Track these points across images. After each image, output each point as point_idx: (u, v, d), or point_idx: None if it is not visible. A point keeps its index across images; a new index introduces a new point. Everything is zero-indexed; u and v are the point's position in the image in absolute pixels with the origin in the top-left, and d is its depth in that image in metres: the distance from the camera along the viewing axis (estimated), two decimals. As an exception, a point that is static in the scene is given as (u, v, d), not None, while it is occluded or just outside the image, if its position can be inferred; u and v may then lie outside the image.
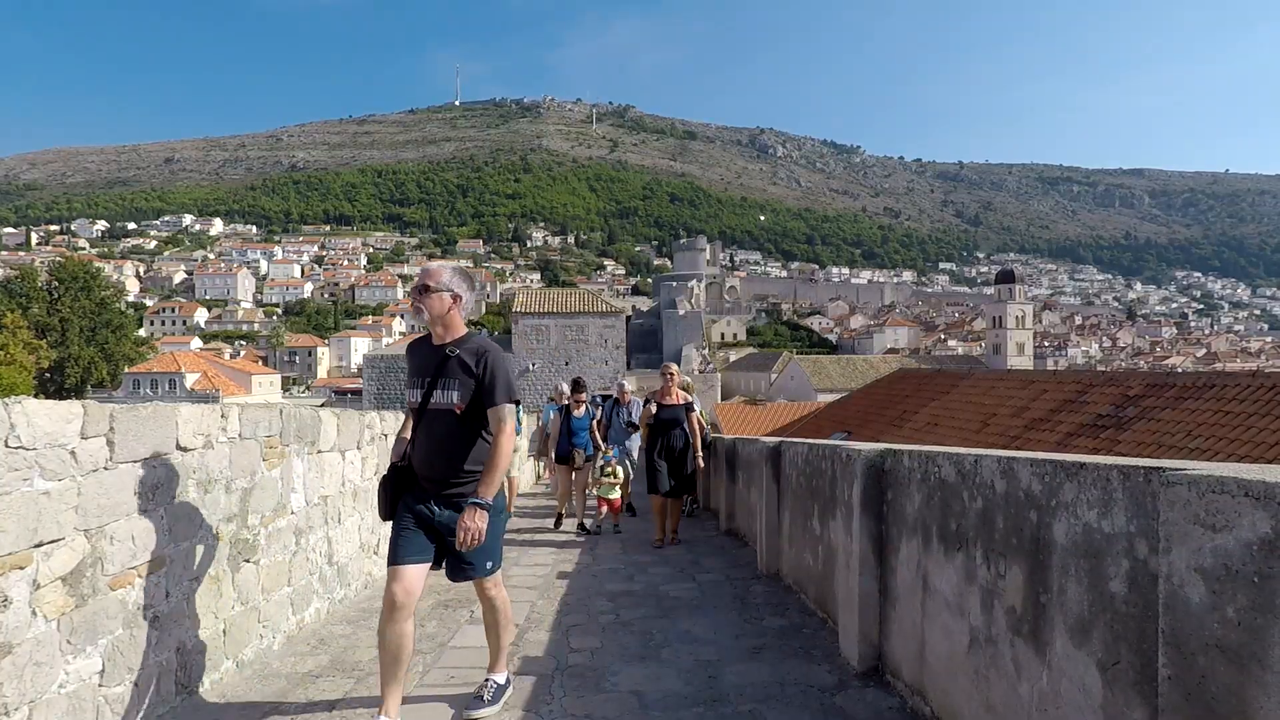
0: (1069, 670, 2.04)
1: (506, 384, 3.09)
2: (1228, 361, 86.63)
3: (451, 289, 3.14)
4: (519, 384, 25.06)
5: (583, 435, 8.58)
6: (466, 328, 3.23)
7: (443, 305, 3.12)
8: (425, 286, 3.10)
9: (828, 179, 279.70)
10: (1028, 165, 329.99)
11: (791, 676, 3.68)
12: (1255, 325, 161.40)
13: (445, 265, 3.26)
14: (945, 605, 2.85)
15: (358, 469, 5.46)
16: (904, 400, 21.16)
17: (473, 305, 3.24)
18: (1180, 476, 1.54)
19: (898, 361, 62.63)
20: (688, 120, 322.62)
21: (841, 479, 4.15)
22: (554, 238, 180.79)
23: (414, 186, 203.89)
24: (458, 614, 4.92)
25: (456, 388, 3.05)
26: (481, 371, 3.05)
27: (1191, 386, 12.37)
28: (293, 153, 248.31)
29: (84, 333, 60.09)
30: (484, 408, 3.06)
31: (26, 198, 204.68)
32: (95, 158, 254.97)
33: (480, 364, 3.06)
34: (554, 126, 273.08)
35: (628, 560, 6.83)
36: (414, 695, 3.45)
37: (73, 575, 2.57)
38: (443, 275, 3.16)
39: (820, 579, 4.73)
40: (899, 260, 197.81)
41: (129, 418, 2.88)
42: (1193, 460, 2.18)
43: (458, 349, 3.09)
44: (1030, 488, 2.27)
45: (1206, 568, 1.46)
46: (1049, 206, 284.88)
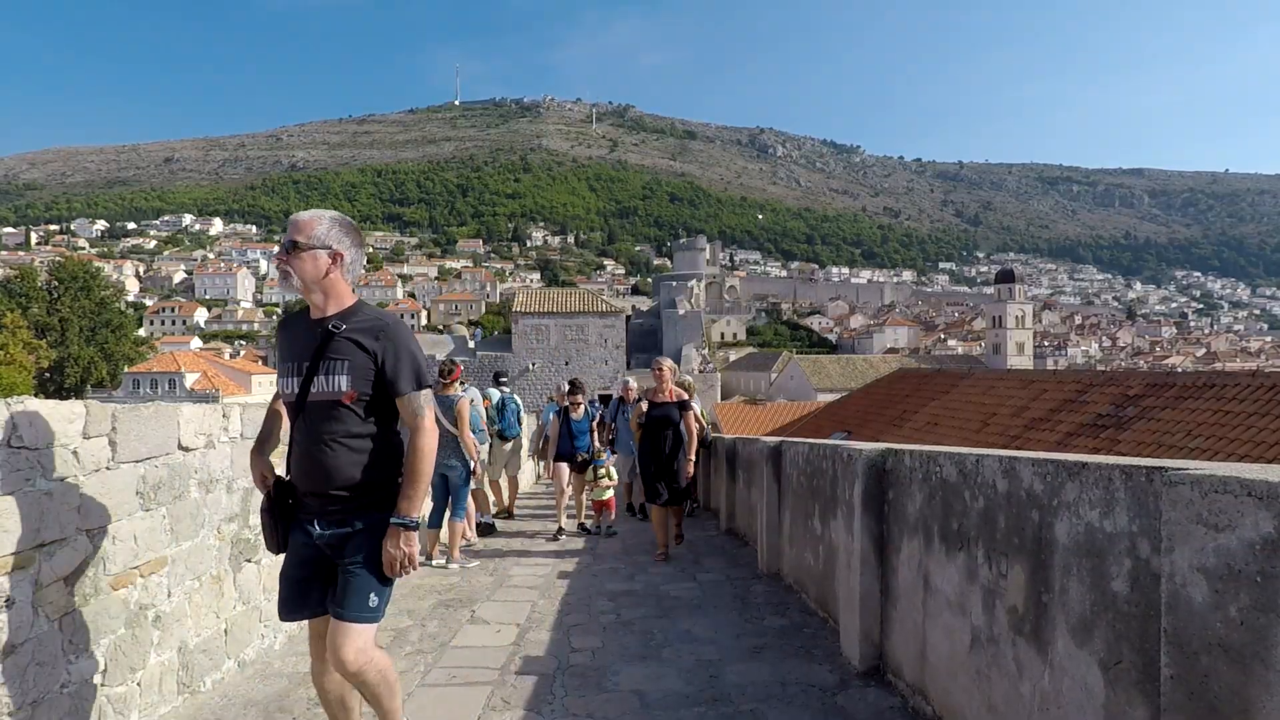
0: (1071, 670, 2.04)
1: (414, 365, 2.45)
2: (1227, 361, 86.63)
3: (329, 245, 2.43)
4: (519, 383, 24.14)
5: (583, 438, 8.48)
6: (356, 296, 2.54)
7: (318, 267, 2.42)
8: (294, 243, 2.41)
9: (827, 179, 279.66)
10: (1027, 165, 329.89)
11: (792, 676, 3.68)
12: (1255, 325, 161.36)
13: (322, 214, 2.49)
14: (947, 605, 2.86)
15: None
16: (904, 400, 21.17)
17: (360, 266, 2.56)
18: (1183, 476, 1.54)
19: (898, 361, 62.65)
20: (688, 120, 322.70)
21: (842, 478, 4.15)
22: (554, 237, 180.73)
23: (414, 186, 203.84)
24: (459, 613, 4.92)
25: (345, 371, 2.37)
26: (380, 351, 2.40)
27: (1191, 386, 12.37)
28: (293, 152, 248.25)
29: (84, 333, 60.07)
30: (384, 398, 2.43)
31: (26, 197, 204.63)
32: (95, 157, 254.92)
33: (379, 339, 2.40)
34: (554, 126, 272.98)
35: (628, 560, 6.83)
36: (415, 695, 3.45)
37: (75, 575, 2.57)
38: (316, 227, 2.43)
39: (821, 578, 4.73)
40: (899, 260, 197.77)
41: (131, 418, 2.88)
42: (1193, 460, 2.18)
43: (344, 323, 2.42)
44: (1032, 487, 2.27)
45: (1209, 567, 1.46)
46: (1049, 206, 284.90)
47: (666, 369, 6.97)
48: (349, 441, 2.40)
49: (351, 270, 2.50)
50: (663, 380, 6.91)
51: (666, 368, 6.99)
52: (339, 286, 2.47)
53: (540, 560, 6.85)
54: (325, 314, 2.45)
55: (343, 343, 2.40)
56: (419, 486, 2.43)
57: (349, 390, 2.37)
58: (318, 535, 2.44)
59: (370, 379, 2.40)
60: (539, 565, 6.60)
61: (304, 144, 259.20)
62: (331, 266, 2.44)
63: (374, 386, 2.41)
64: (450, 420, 6.55)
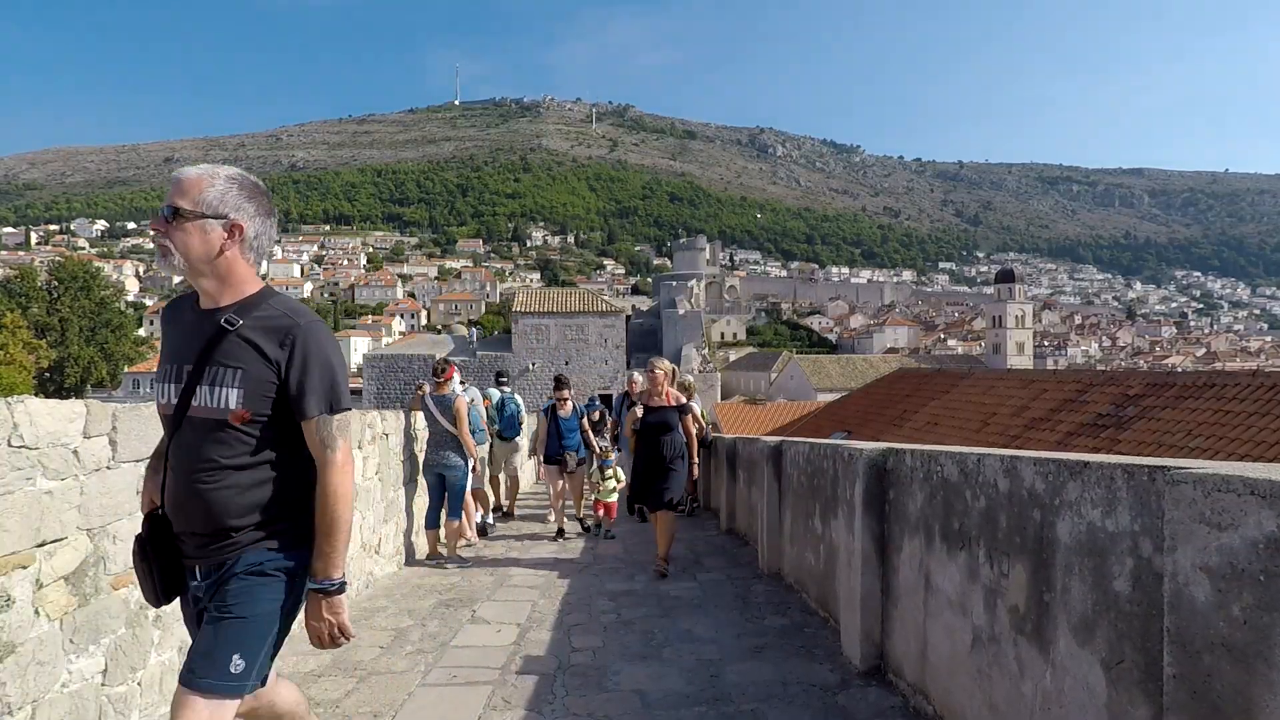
0: (1073, 669, 2.04)
1: (329, 381, 1.88)
2: (1227, 361, 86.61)
3: (225, 213, 1.84)
4: (518, 383, 23.71)
5: (572, 437, 8.13)
6: (262, 282, 1.96)
7: (209, 242, 1.83)
8: (175, 210, 1.82)
9: (827, 178, 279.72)
10: (1027, 165, 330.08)
11: (793, 676, 3.68)
12: (1255, 325, 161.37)
13: (216, 170, 1.88)
14: (948, 604, 2.85)
15: (359, 469, 5.46)
16: (904, 400, 21.18)
17: (270, 240, 1.96)
18: (1186, 475, 1.54)
19: (898, 361, 62.66)
20: (687, 120, 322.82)
21: (843, 478, 4.15)
22: (554, 237, 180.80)
23: (414, 186, 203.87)
24: (459, 613, 4.92)
25: (236, 382, 1.82)
26: (285, 359, 1.85)
27: (1191, 386, 12.38)
28: (292, 152, 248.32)
29: (83, 332, 60.06)
30: (290, 419, 1.89)
31: (26, 197, 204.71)
32: (95, 157, 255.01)
33: (284, 344, 1.85)
34: (554, 126, 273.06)
35: (629, 560, 6.83)
36: (416, 695, 3.45)
37: (75, 575, 2.57)
38: (207, 188, 1.83)
39: (822, 578, 4.73)
40: (899, 260, 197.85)
41: (131, 417, 2.88)
42: (1194, 459, 2.18)
43: (242, 318, 1.86)
44: (1034, 487, 2.27)
45: (1212, 566, 1.46)
46: (1049, 206, 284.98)
47: (660, 371, 6.43)
48: (236, 475, 1.84)
49: (256, 248, 1.92)
50: (656, 383, 6.40)
51: (661, 370, 6.44)
52: (237, 269, 1.89)
53: (541, 560, 6.85)
54: (219, 304, 1.89)
55: (237, 344, 1.84)
56: (337, 539, 1.90)
57: (239, 408, 1.82)
58: (194, 586, 1.92)
59: (270, 395, 1.85)
60: (539, 565, 6.60)
61: (304, 144, 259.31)
62: (227, 242, 1.85)
63: (275, 405, 1.86)
64: (449, 419, 6.55)
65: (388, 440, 6.15)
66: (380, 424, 5.94)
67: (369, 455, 5.67)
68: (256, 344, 1.85)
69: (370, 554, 5.68)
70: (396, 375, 42.28)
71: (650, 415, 6.35)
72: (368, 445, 5.63)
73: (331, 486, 1.89)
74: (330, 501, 1.89)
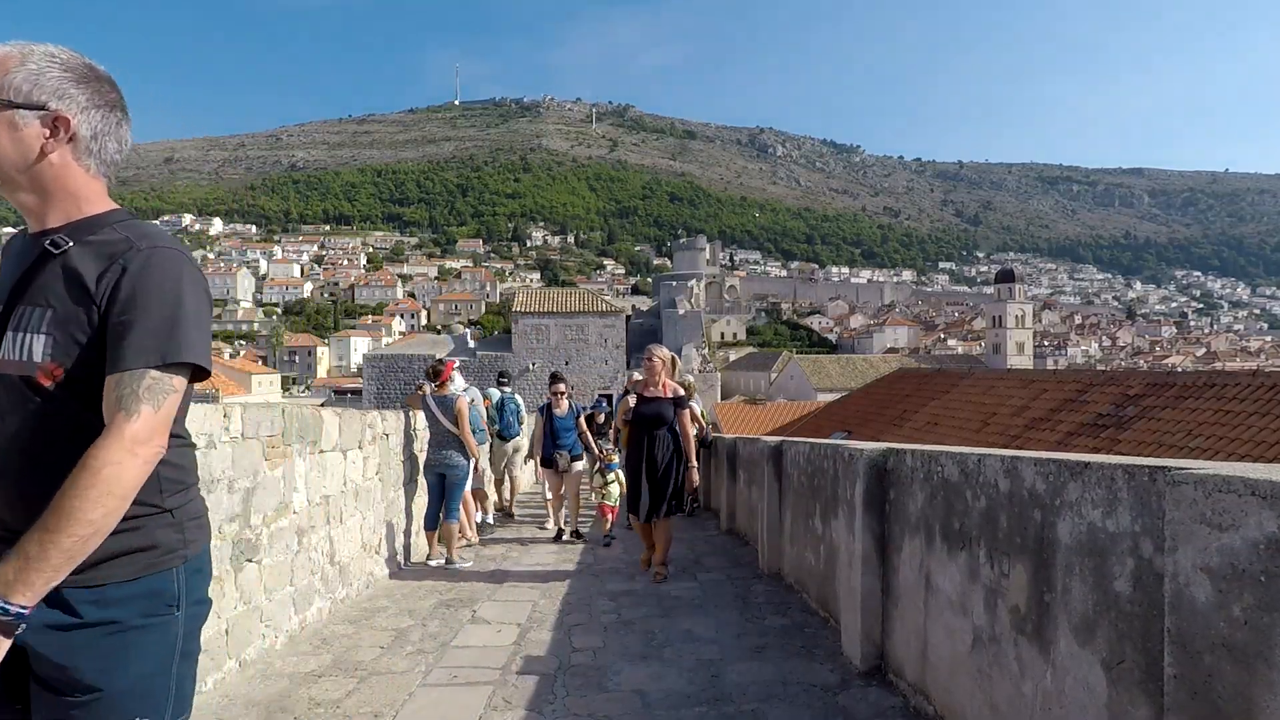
0: (1073, 669, 2.04)
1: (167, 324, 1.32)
2: (1227, 361, 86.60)
3: (43, 103, 1.35)
4: (518, 383, 23.43)
5: (567, 436, 7.89)
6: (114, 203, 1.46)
7: (21, 143, 1.35)
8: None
9: (827, 178, 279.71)
10: (1027, 165, 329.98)
11: (794, 676, 3.68)
12: (1255, 325, 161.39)
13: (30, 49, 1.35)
14: (948, 604, 2.86)
15: (359, 469, 5.47)
16: (904, 400, 21.19)
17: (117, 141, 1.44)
18: (1186, 476, 1.54)
19: (898, 361, 62.66)
20: (687, 120, 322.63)
21: (844, 478, 4.15)
22: (554, 237, 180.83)
23: (414, 186, 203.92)
24: (460, 613, 4.92)
25: (44, 326, 1.32)
26: (110, 288, 1.32)
27: (1191, 386, 12.38)
28: (292, 152, 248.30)
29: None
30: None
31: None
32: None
33: (110, 271, 1.33)
34: (554, 126, 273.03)
35: (629, 560, 6.83)
36: (416, 695, 3.45)
37: (76, 575, 2.56)
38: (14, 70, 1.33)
39: (822, 578, 4.73)
40: (899, 260, 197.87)
41: None
42: (1194, 460, 2.18)
43: (73, 240, 1.37)
44: (1034, 487, 2.27)
45: (1213, 567, 1.46)
46: (1049, 206, 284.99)
47: (658, 360, 5.94)
48: (51, 452, 1.32)
49: (97, 152, 1.42)
50: (653, 372, 5.93)
51: (659, 358, 5.96)
52: (69, 180, 1.40)
53: (541, 560, 6.85)
54: (45, 227, 1.41)
55: (55, 275, 1.35)
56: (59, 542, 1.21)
57: (45, 361, 1.31)
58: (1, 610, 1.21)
59: (84, 342, 1.32)
60: (539, 565, 6.60)
61: (304, 144, 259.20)
62: (50, 141, 1.36)
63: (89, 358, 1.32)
64: (451, 419, 6.55)
65: (388, 440, 6.15)
66: (380, 424, 5.94)
67: (369, 455, 5.68)
68: (78, 273, 1.33)
69: (371, 554, 5.69)
70: (396, 375, 42.29)
71: (644, 406, 5.92)
72: (368, 445, 5.64)
73: (99, 462, 1.24)
74: (84, 484, 1.22)
